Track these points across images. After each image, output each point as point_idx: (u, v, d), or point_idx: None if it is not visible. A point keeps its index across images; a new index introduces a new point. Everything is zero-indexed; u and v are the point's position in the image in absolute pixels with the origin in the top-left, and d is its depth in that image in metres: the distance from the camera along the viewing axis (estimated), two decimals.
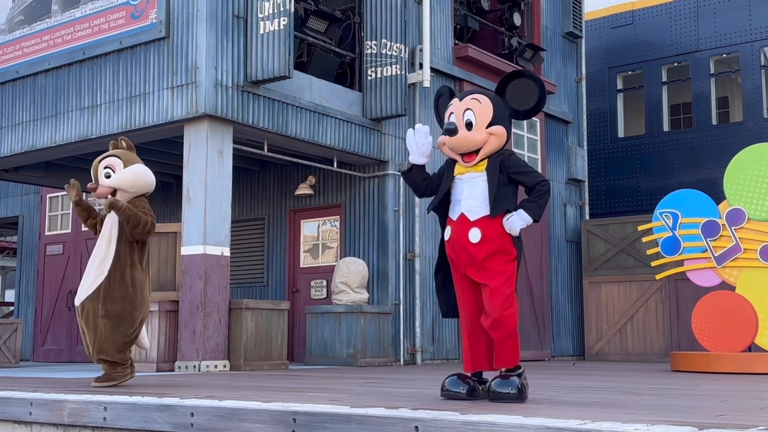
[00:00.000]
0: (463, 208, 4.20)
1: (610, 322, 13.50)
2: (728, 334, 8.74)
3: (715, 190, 10.57)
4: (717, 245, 8.96)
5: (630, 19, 16.45)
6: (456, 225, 4.21)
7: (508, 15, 13.48)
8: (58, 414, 4.35)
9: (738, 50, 15.38)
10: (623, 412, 3.56)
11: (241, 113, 9.14)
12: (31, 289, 14.10)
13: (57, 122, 10.20)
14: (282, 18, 8.89)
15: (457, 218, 4.21)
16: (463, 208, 4.20)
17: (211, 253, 8.76)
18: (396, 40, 10.63)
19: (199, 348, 8.52)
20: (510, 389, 4.01)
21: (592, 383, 6.25)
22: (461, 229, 4.17)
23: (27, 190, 14.35)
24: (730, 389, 5.57)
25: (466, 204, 4.19)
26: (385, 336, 10.39)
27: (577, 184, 14.61)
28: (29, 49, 10.60)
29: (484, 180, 4.17)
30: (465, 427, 3.06)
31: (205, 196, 8.81)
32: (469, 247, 4.14)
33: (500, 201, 4.15)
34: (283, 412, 3.56)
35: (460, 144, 4.21)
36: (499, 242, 4.14)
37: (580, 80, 14.94)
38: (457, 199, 4.24)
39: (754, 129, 14.80)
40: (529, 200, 4.18)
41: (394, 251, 10.87)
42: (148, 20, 9.34)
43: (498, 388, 4.03)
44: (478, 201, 4.16)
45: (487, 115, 4.19)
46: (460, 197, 4.22)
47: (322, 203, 11.58)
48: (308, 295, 11.57)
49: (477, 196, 4.17)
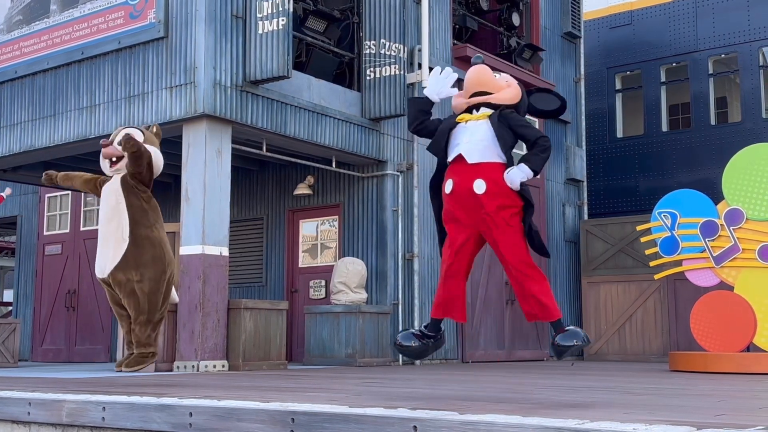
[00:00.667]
0: (461, 150, 4.20)
1: (609, 322, 13.50)
2: (727, 334, 8.75)
3: (714, 190, 10.58)
4: (715, 245, 8.96)
5: (629, 20, 16.46)
6: (456, 173, 4.20)
7: (507, 15, 13.48)
8: (57, 414, 4.34)
9: (736, 50, 15.39)
10: (621, 412, 3.56)
11: (240, 113, 9.14)
12: (30, 289, 14.09)
13: (55, 122, 10.19)
14: (281, 18, 8.89)
15: (453, 159, 4.22)
16: (461, 150, 4.20)
17: (209, 253, 8.76)
18: (395, 40, 10.63)
19: (197, 348, 8.52)
20: (575, 341, 4.03)
21: (590, 383, 6.25)
22: (463, 179, 4.16)
23: (25, 190, 14.34)
24: (728, 389, 5.58)
25: (466, 147, 4.19)
26: (383, 336, 10.39)
27: (575, 184, 14.61)
28: (28, 49, 10.59)
29: (487, 126, 4.20)
30: (464, 427, 3.06)
31: (204, 196, 8.81)
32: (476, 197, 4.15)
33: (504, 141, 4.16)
34: (282, 412, 3.56)
35: (481, 76, 4.24)
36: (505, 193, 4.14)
37: (579, 80, 14.95)
38: (456, 143, 4.26)
39: (753, 129, 14.80)
40: (530, 153, 4.20)
41: (393, 251, 10.87)
42: (146, 20, 9.34)
43: (565, 342, 4.03)
44: (478, 145, 4.18)
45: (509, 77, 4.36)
46: (460, 141, 4.23)
47: (320, 203, 11.58)
48: (307, 295, 11.57)
49: (477, 143, 4.18)
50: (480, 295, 12.06)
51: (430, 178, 4.46)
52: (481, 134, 4.19)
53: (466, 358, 11.69)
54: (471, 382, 6.26)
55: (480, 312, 12.03)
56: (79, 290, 13.32)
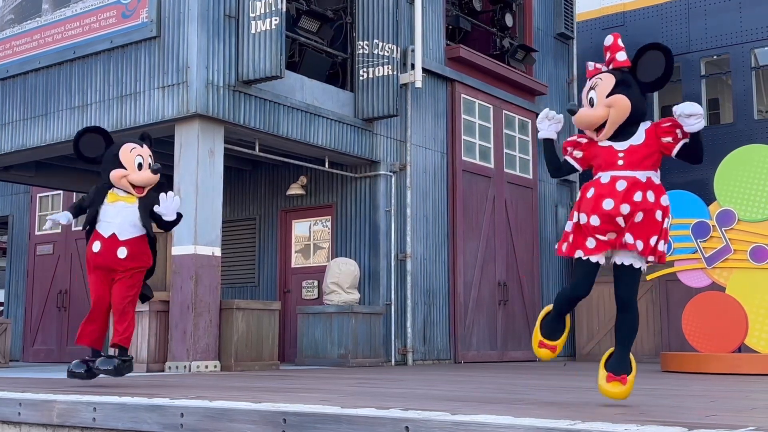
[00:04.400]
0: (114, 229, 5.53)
1: (601, 323, 13.53)
2: (718, 334, 8.77)
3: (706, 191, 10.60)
4: (707, 246, 8.99)
5: (621, 21, 16.50)
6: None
7: (500, 16, 13.50)
8: (48, 414, 4.33)
9: (728, 52, 15.44)
10: (613, 413, 3.57)
11: (233, 113, 9.12)
12: (21, 288, 14.04)
13: (47, 121, 10.16)
14: (274, 18, 8.87)
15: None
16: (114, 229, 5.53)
17: (201, 254, 8.74)
18: (388, 41, 10.63)
19: (189, 348, 8.50)
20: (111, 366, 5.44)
21: (582, 383, 6.26)
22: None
23: (17, 190, 14.29)
24: (719, 389, 5.59)
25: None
26: (376, 336, 10.38)
27: (568, 185, 14.64)
28: (19, 48, 10.55)
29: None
30: (455, 428, 3.06)
31: (196, 196, 8.79)
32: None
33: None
34: (274, 413, 3.56)
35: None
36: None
37: (572, 81, 14.97)
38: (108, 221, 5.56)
39: (745, 130, 14.85)
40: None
41: (386, 252, 10.86)
42: (139, 19, 9.31)
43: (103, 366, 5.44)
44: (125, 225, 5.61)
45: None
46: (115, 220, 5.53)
47: (313, 203, 11.57)
48: (299, 295, 11.55)
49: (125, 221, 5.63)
50: (473, 295, 12.07)
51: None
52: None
53: (458, 359, 11.69)
54: (463, 383, 6.27)
55: (472, 312, 12.04)
56: (70, 290, 13.27)
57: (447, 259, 11.83)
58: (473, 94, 12.46)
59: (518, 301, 12.90)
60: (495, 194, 12.63)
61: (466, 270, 11.99)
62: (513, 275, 12.85)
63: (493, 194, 12.60)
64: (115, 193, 5.57)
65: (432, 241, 11.62)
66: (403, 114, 11.17)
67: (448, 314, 11.75)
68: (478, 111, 12.53)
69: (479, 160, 12.39)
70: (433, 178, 11.67)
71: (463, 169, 11.92)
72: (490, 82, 12.79)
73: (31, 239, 14.00)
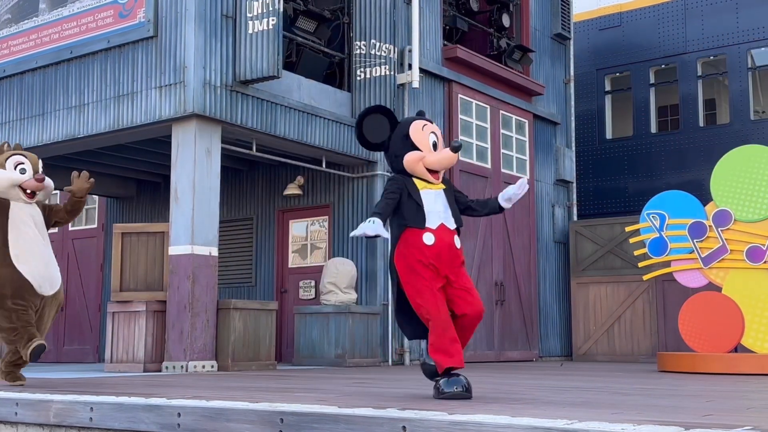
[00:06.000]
0: (442, 219, 4.51)
1: (598, 323, 13.54)
2: (715, 334, 8.79)
3: (702, 191, 10.63)
4: (704, 246, 9.00)
5: (618, 21, 16.51)
6: (439, 232, 4.47)
7: (497, 16, 13.51)
8: (44, 414, 4.32)
9: (725, 52, 15.46)
10: (610, 412, 3.57)
11: (230, 113, 9.12)
12: None
13: (44, 121, 10.15)
14: (271, 18, 8.87)
15: (437, 227, 4.46)
16: (442, 219, 4.51)
17: (199, 253, 8.74)
18: (385, 41, 10.63)
19: (186, 348, 8.50)
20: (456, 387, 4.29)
21: (579, 383, 6.27)
22: (445, 236, 4.47)
23: None
24: (716, 389, 5.60)
25: (445, 215, 4.52)
26: (373, 336, 10.39)
27: (565, 185, 14.65)
28: (16, 48, 10.54)
29: (445, 197, 4.59)
30: (452, 427, 3.06)
31: (193, 195, 8.78)
32: (455, 251, 4.50)
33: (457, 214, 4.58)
34: (271, 413, 3.56)
35: (452, 162, 4.54)
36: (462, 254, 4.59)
37: (569, 82, 14.99)
38: (432, 210, 4.50)
39: (741, 131, 14.88)
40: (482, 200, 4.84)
41: (383, 252, 10.86)
42: (136, 19, 9.31)
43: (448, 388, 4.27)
44: (449, 213, 4.55)
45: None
46: (436, 208, 4.51)
47: (310, 203, 11.57)
48: (296, 295, 11.55)
49: (448, 209, 4.56)
50: None
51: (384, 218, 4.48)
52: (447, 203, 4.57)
53: None
54: None
55: None
56: (67, 291, 13.25)
57: None
58: (470, 94, 12.47)
59: (515, 301, 12.91)
60: (492, 194, 12.61)
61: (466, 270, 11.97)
62: (510, 275, 12.86)
63: (489, 194, 12.60)
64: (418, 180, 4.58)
65: None
66: (400, 114, 11.17)
67: None
68: (475, 111, 12.54)
69: (476, 160, 12.40)
70: None
71: (460, 169, 11.92)
72: (487, 82, 12.80)
73: None
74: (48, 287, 5.70)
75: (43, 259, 5.71)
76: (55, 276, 5.78)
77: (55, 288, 5.78)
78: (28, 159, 5.94)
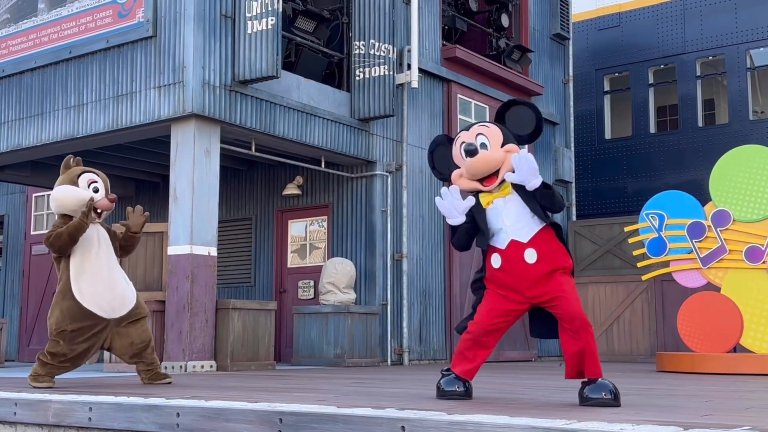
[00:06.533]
0: (511, 235, 4.06)
1: (597, 323, 13.54)
2: (713, 334, 8.79)
3: (701, 191, 10.63)
4: (702, 246, 9.01)
5: (617, 21, 16.52)
6: (507, 252, 4.09)
7: (496, 16, 13.51)
8: (43, 414, 4.32)
9: (724, 53, 15.47)
10: (609, 412, 3.57)
11: (229, 113, 9.11)
12: (17, 289, 14.01)
13: (43, 121, 10.15)
14: (270, 18, 8.87)
15: (507, 246, 4.08)
16: (511, 235, 4.06)
17: (197, 253, 8.74)
18: (384, 41, 10.63)
19: (185, 348, 8.49)
20: (604, 393, 3.92)
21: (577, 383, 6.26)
22: (514, 253, 4.06)
23: (12, 190, 14.26)
24: (715, 389, 5.60)
25: (516, 227, 4.06)
26: (372, 336, 10.39)
27: (564, 185, 14.65)
28: (15, 48, 10.54)
29: (517, 201, 4.08)
30: (451, 427, 3.07)
31: (192, 195, 8.78)
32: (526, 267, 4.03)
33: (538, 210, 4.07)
34: (270, 413, 3.56)
35: (481, 164, 4.08)
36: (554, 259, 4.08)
37: (568, 82, 15.00)
38: (498, 228, 4.09)
39: (740, 131, 14.89)
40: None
41: (382, 251, 10.87)
42: (135, 19, 9.31)
43: (593, 395, 3.95)
44: (521, 223, 4.06)
45: (498, 137, 4.13)
46: (505, 224, 4.07)
47: (309, 203, 11.57)
48: (295, 295, 11.55)
49: (519, 219, 4.06)
50: (469, 295, 12.07)
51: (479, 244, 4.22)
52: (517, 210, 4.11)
53: None
54: None
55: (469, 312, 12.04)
56: None
57: (443, 259, 11.84)
58: (469, 94, 12.47)
59: None
60: None
61: (462, 270, 11.99)
62: None
63: None
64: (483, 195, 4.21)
65: (428, 241, 11.63)
66: (399, 114, 11.18)
67: (444, 314, 11.76)
68: (474, 111, 12.54)
69: None
70: (429, 179, 11.67)
71: None
72: (486, 82, 12.80)
73: (27, 239, 13.97)
74: (117, 309, 5.69)
75: (108, 283, 5.67)
76: (124, 296, 5.74)
77: (128, 308, 5.75)
78: (99, 177, 5.81)
